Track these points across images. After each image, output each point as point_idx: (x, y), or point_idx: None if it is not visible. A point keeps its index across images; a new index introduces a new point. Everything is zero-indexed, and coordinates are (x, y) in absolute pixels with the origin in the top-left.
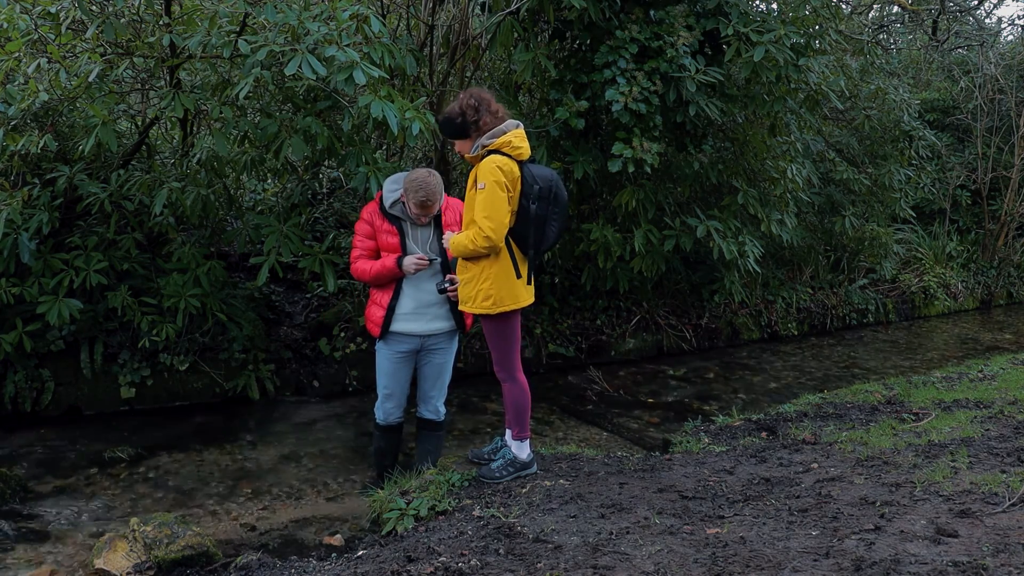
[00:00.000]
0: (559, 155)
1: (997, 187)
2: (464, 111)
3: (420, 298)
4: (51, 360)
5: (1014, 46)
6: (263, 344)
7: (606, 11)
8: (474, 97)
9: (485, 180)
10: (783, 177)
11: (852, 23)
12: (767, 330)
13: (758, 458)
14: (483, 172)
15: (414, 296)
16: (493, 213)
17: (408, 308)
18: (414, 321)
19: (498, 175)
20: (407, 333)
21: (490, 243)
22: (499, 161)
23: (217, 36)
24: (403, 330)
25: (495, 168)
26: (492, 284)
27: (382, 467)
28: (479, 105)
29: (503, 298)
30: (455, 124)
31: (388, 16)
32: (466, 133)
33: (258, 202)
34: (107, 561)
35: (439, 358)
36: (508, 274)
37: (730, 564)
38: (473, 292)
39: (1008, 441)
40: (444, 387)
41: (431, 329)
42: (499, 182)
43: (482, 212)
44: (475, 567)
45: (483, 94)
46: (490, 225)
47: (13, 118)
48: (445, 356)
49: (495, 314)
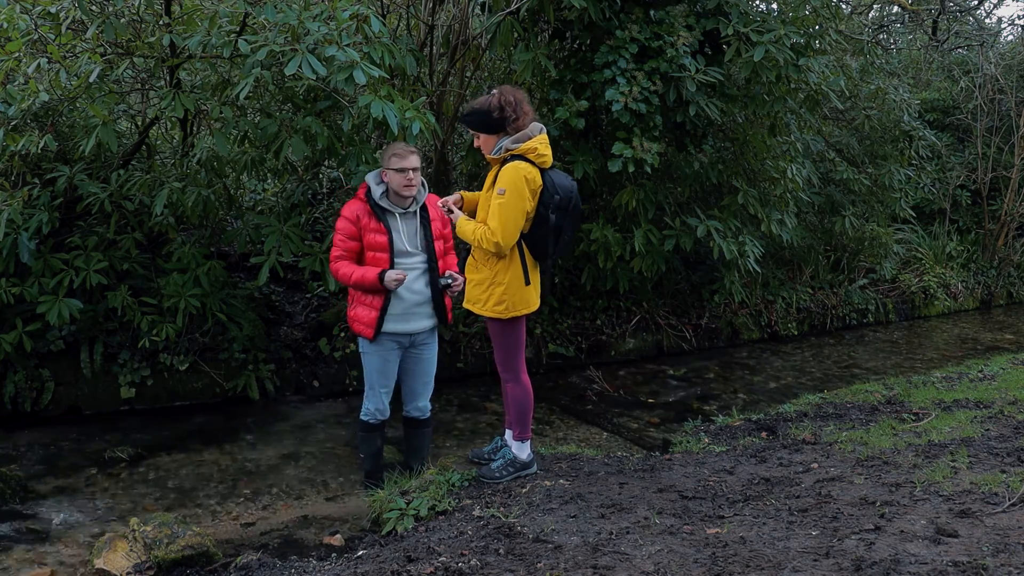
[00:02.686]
0: (559, 155)
1: (997, 187)
2: (503, 106)
3: (409, 298)
4: (51, 360)
5: (1014, 46)
6: (263, 344)
7: (606, 11)
8: (513, 95)
9: (507, 187)
10: (783, 177)
11: (852, 23)
12: (767, 330)
13: (758, 458)
14: (507, 179)
15: (404, 297)
16: (507, 222)
17: (399, 310)
18: (404, 322)
19: (521, 185)
20: (397, 333)
21: (497, 249)
22: (525, 170)
23: (217, 36)
24: (394, 330)
25: (521, 178)
26: (506, 290)
27: (378, 467)
28: (517, 104)
29: (515, 303)
30: (491, 118)
31: (388, 16)
32: (497, 129)
33: (258, 202)
34: (107, 561)
35: (426, 353)
36: (520, 280)
37: (730, 564)
38: (484, 295)
39: (1008, 441)
40: (430, 384)
41: (418, 328)
42: (521, 193)
43: (497, 218)
44: (475, 567)
45: (520, 93)
46: (502, 232)
47: (13, 118)
48: (430, 352)
49: (507, 319)
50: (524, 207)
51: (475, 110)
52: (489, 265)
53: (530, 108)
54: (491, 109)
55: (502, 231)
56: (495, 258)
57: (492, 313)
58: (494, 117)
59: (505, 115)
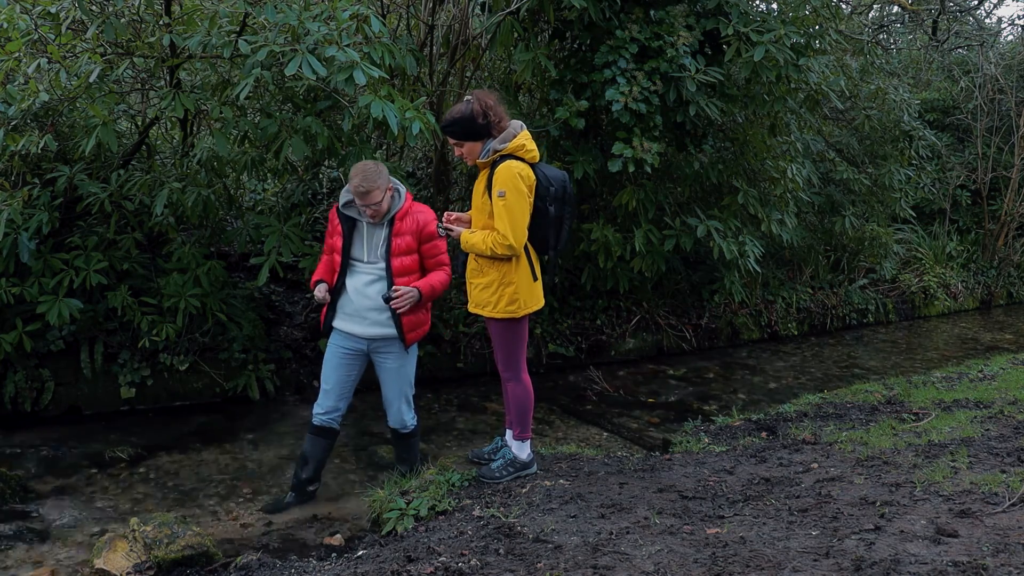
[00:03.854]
0: (559, 155)
1: (997, 187)
2: (486, 112)
3: (360, 301)
4: (51, 360)
5: (1014, 46)
6: (263, 344)
7: (606, 11)
8: (490, 99)
9: (506, 188)
10: (783, 177)
11: (852, 23)
12: (767, 330)
13: (758, 458)
14: (503, 180)
15: (354, 298)
16: (516, 222)
17: (350, 309)
18: (355, 323)
19: (518, 182)
20: (348, 332)
21: (512, 251)
22: (518, 167)
23: (217, 36)
24: (344, 329)
25: (516, 175)
26: (517, 290)
27: (297, 476)
28: (496, 107)
29: (527, 301)
30: (476, 125)
31: (388, 16)
32: (483, 135)
33: (258, 202)
34: (107, 561)
35: (390, 362)
36: (529, 277)
37: (730, 564)
38: (494, 298)
39: (1008, 441)
40: (404, 395)
41: (372, 333)
42: (521, 190)
43: (505, 221)
44: (475, 567)
45: (493, 94)
46: (513, 234)
47: (13, 118)
48: (396, 362)
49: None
50: (527, 204)
51: (457, 119)
52: (496, 267)
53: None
54: (475, 116)
55: (512, 232)
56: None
57: (504, 314)
58: (479, 123)
59: (490, 120)
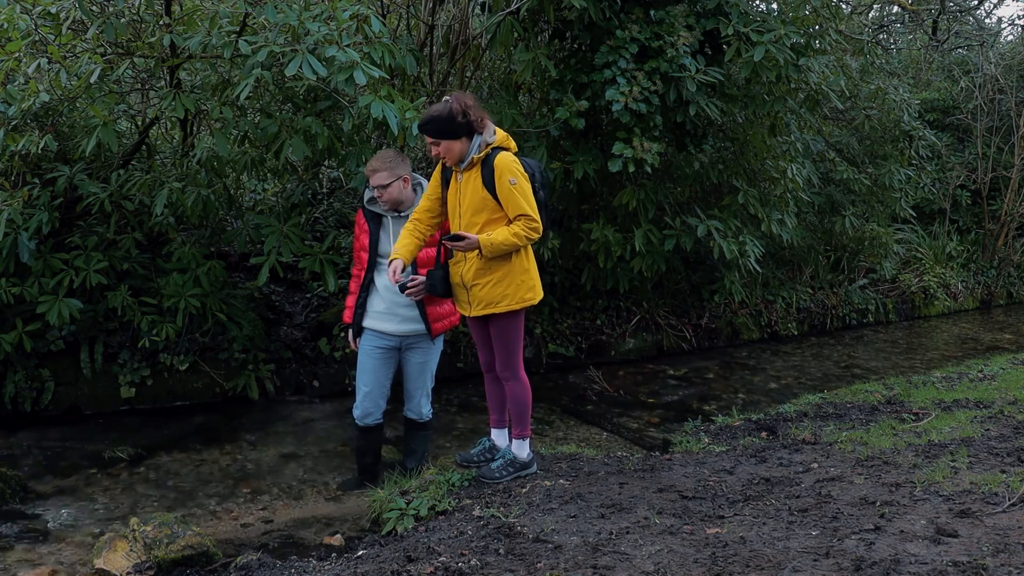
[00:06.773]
0: (559, 155)
1: (997, 187)
2: (466, 110)
3: (390, 298)
4: (51, 360)
5: (1014, 46)
6: (263, 344)
7: (606, 11)
8: (468, 98)
9: (514, 176)
10: (783, 177)
11: (852, 23)
12: (767, 330)
13: (758, 458)
14: (506, 169)
15: (384, 295)
16: (532, 205)
17: (380, 307)
18: (387, 321)
19: (522, 169)
20: (380, 331)
21: (540, 233)
22: (512, 157)
23: (217, 36)
24: (376, 328)
25: (515, 161)
26: (531, 275)
27: (363, 464)
28: (475, 105)
29: (535, 285)
30: (456, 123)
31: (388, 16)
32: (462, 133)
33: (258, 202)
34: (107, 561)
35: (418, 357)
36: (535, 261)
37: (730, 564)
38: (511, 289)
39: (1008, 441)
40: (425, 387)
41: (405, 330)
42: (524, 175)
43: (525, 206)
44: (475, 567)
45: (471, 97)
46: (536, 216)
47: (13, 118)
48: (424, 356)
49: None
50: (531, 188)
51: (435, 117)
52: (507, 258)
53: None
54: (455, 114)
55: (534, 212)
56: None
57: (521, 303)
58: (459, 122)
59: (469, 118)
